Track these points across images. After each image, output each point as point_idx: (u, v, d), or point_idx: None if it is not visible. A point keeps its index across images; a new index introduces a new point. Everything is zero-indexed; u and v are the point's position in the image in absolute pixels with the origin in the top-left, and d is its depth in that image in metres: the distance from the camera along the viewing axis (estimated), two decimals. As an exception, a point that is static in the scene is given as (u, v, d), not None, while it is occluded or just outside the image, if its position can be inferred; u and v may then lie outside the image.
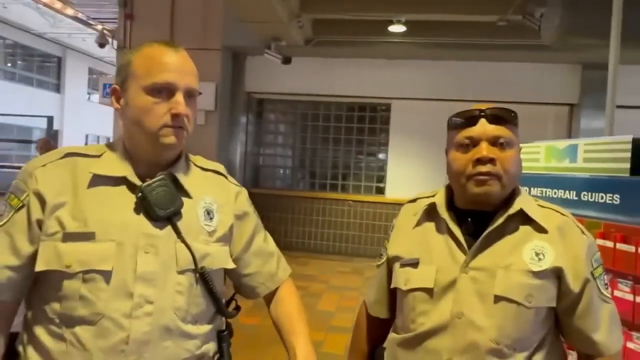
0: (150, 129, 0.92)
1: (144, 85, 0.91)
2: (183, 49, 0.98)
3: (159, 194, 0.92)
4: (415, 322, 1.03)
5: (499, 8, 4.57)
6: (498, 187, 0.99)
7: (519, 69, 6.24)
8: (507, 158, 0.99)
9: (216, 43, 5.90)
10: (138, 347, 0.88)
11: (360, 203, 6.95)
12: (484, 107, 1.02)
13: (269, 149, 7.56)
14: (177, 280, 0.92)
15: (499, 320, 0.96)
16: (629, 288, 1.69)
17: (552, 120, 6.55)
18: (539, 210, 1.04)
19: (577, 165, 2.23)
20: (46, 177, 0.91)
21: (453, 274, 1.00)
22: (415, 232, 1.10)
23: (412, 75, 6.62)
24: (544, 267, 0.97)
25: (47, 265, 0.88)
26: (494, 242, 1.01)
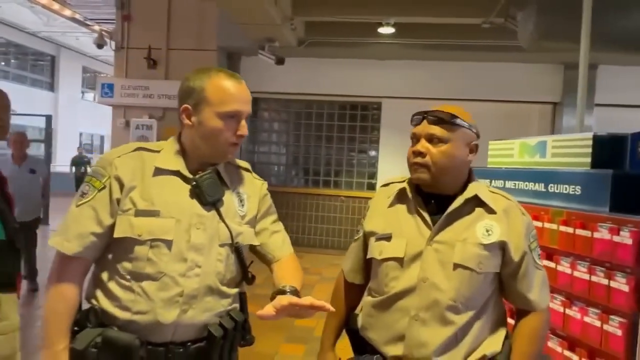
0: (220, 147, 1.18)
1: (218, 112, 1.15)
2: (242, 79, 1.22)
3: (208, 184, 1.17)
4: (388, 285, 1.26)
5: (483, 11, 4.77)
6: (427, 174, 1.22)
7: (504, 69, 6.47)
8: (437, 152, 1.21)
9: (211, 44, 6.06)
10: (188, 299, 1.13)
11: (352, 199, 7.15)
12: (432, 109, 1.25)
13: (264, 146, 7.73)
14: (219, 251, 1.18)
15: (456, 283, 1.20)
16: (586, 269, 1.90)
17: (537, 118, 6.79)
18: (490, 195, 1.28)
19: (546, 160, 2.43)
20: (123, 166, 1.16)
21: (420, 246, 1.23)
22: (389, 211, 1.32)
23: (402, 75, 6.82)
24: (492, 240, 1.21)
25: (124, 233, 1.13)
26: (454, 221, 1.24)
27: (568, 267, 1.99)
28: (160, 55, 6.17)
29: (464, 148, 1.24)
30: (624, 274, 1.73)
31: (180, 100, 1.19)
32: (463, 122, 1.23)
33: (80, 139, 17.56)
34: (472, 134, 1.26)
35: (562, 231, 2.07)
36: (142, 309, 1.11)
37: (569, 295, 1.99)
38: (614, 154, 2.06)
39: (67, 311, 1.12)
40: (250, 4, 4.48)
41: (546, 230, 2.15)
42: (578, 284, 1.93)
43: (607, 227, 1.82)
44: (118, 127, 6.35)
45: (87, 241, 1.13)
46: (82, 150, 12.84)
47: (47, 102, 15.99)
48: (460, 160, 1.24)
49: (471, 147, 1.27)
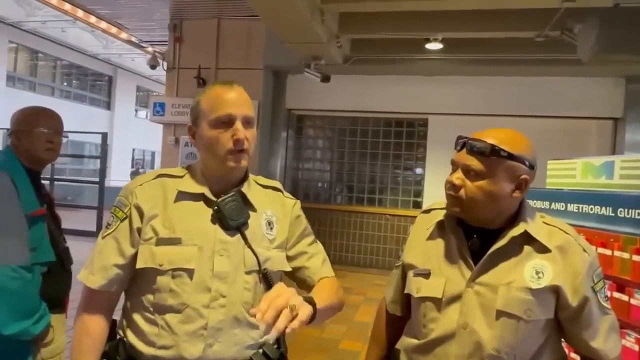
0: (219, 155, 1.11)
1: (209, 120, 1.11)
2: (239, 84, 1.17)
3: (231, 208, 1.12)
4: (426, 327, 1.15)
5: (537, 24, 4.58)
6: (459, 209, 1.10)
7: (558, 83, 6.18)
8: (473, 187, 1.08)
9: (258, 63, 6.18)
10: (214, 332, 1.07)
11: (397, 217, 7.00)
12: (475, 136, 1.10)
13: (308, 163, 7.75)
14: (245, 279, 1.12)
15: (500, 331, 1.06)
16: (665, 304, 1.72)
17: (595, 135, 6.41)
18: (544, 228, 1.11)
19: (614, 182, 2.26)
20: (143, 194, 1.14)
21: (459, 287, 1.11)
22: (428, 244, 1.20)
23: (449, 91, 6.67)
24: (542, 284, 1.06)
25: (145, 264, 1.09)
26: (498, 261, 1.10)
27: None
28: (210, 75, 6.35)
29: (507, 184, 1.07)
30: None
31: None
32: (510, 154, 1.06)
33: (133, 155, 18.37)
34: (522, 167, 1.08)
35: (635, 260, 1.89)
36: (166, 344, 1.06)
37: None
38: (694, 177, 1.88)
39: (92, 347, 1.09)
40: (298, 23, 4.52)
41: (616, 259, 1.98)
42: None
43: (690, 259, 1.64)
44: (168, 144, 6.55)
45: (110, 274, 1.10)
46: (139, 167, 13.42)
47: (104, 120, 16.89)
48: (500, 198, 1.08)
49: (519, 182, 1.08)
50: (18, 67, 14.29)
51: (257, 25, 6.07)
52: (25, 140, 1.60)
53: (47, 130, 1.62)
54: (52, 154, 1.65)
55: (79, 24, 10.66)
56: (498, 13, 4.63)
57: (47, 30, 13.49)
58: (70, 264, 1.71)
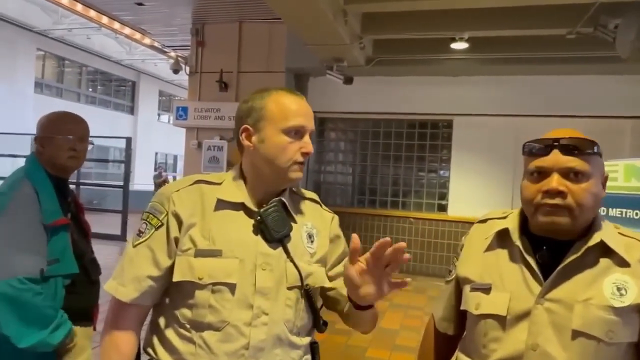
0: (283, 164, 1.06)
1: (281, 127, 1.05)
2: (303, 96, 1.13)
3: (274, 219, 1.05)
4: (486, 347, 1.03)
5: (569, 21, 4.42)
6: (568, 219, 0.96)
7: (590, 82, 5.97)
8: (581, 190, 0.96)
9: (280, 66, 6.16)
10: (255, 352, 1.00)
11: (422, 220, 6.87)
12: (559, 136, 1.00)
13: (330, 166, 7.69)
14: (287, 295, 1.05)
15: (577, 355, 0.95)
16: None
17: (630, 135, 6.17)
18: (621, 240, 1.01)
19: (661, 185, 2.13)
20: (181, 201, 1.06)
21: (527, 304, 0.99)
22: (487, 256, 1.10)
23: (475, 91, 6.52)
24: (626, 302, 0.95)
25: (183, 277, 1.01)
26: (572, 274, 0.98)
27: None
28: (231, 78, 6.36)
29: (600, 183, 1.00)
30: None
31: (238, 122, 1.10)
32: (599, 150, 0.99)
33: (156, 159, 18.64)
34: (603, 164, 1.02)
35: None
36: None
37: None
38: None
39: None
40: (320, 25, 4.47)
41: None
42: None
43: None
44: (191, 147, 6.59)
45: (144, 285, 1.03)
46: (162, 170, 13.61)
47: (127, 125, 17.20)
48: (600, 200, 1.00)
49: (604, 179, 1.02)
50: (46, 74, 14.68)
51: (279, 28, 6.05)
52: (49, 147, 1.56)
53: (71, 137, 1.57)
54: (76, 162, 1.60)
55: (103, 30, 10.88)
56: (527, 10, 4.49)
57: (73, 38, 13.84)
58: (97, 275, 1.67)
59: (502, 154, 6.46)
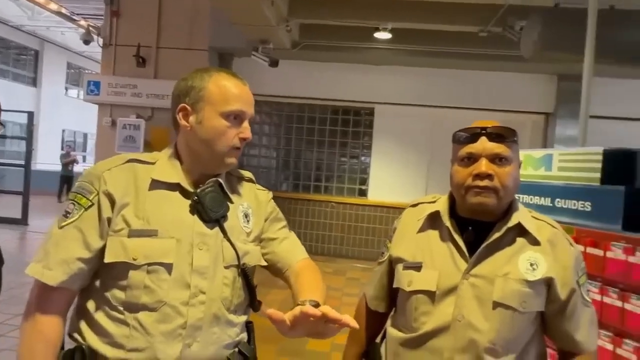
0: (220, 150, 1.05)
1: (221, 111, 1.04)
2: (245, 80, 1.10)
3: (211, 199, 1.04)
4: (417, 321, 1.12)
5: (482, 20, 4.74)
6: (494, 199, 1.07)
7: (499, 78, 6.46)
8: (505, 173, 1.07)
9: (203, 43, 5.93)
10: (192, 331, 1.00)
11: (343, 205, 7.07)
12: (484, 125, 1.10)
13: (254, 149, 7.61)
14: (224, 274, 1.05)
15: (496, 323, 1.06)
16: (598, 289, 1.83)
17: (530, 128, 6.79)
18: (533, 222, 1.13)
19: (552, 174, 2.36)
20: (113, 180, 1.02)
21: (455, 280, 1.09)
22: (419, 237, 1.18)
23: (396, 81, 6.77)
24: (537, 276, 1.07)
25: (116, 258, 0.98)
26: (493, 252, 1.10)
27: (578, 287, 1.92)
28: (150, 54, 6.02)
29: (518, 168, 1.12)
30: (639, 296, 1.66)
31: (176, 100, 1.07)
32: (517, 139, 1.11)
33: (63, 137, 17.17)
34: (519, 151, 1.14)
35: (572, 249, 2.00)
36: (139, 346, 0.97)
37: (579, 316, 1.92)
38: (624, 170, 2.00)
39: (47, 352, 0.96)
40: (246, 4, 4.37)
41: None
42: (589, 304, 1.86)
43: (621, 247, 1.75)
44: (104, 125, 6.16)
45: (73, 268, 0.98)
46: (70, 149, 12.51)
47: (29, 98, 15.59)
48: (519, 181, 1.12)
49: (519, 164, 1.14)
50: None
51: (203, 3, 5.80)
52: None
53: None
54: None
55: (0, -10, 9.71)
56: (445, 6, 4.73)
57: (-38, -4, 12.21)
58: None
59: (419, 143, 6.82)
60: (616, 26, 3.72)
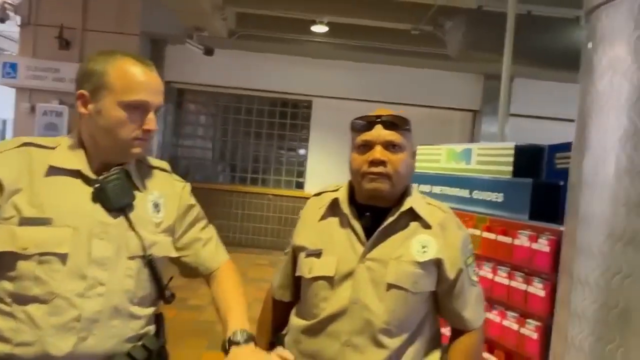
0: (122, 141, 1.00)
1: (120, 101, 0.98)
2: (153, 65, 1.05)
3: (115, 187, 1.00)
4: (317, 307, 1.15)
5: (414, 18, 4.89)
6: (388, 185, 1.13)
7: (430, 76, 6.71)
8: (398, 160, 1.13)
9: (134, 28, 5.63)
10: (88, 324, 0.96)
11: (280, 197, 7.06)
12: (380, 114, 1.15)
13: (188, 140, 7.40)
14: (128, 265, 1.01)
15: (390, 305, 1.11)
16: (506, 274, 1.97)
17: (458, 124, 7.14)
18: (426, 207, 1.20)
19: (471, 167, 2.50)
20: (4, 164, 0.96)
21: (352, 265, 1.13)
22: (320, 224, 1.21)
23: (333, 75, 6.83)
24: (427, 257, 1.14)
25: (3, 247, 0.93)
26: (388, 236, 1.15)
27: (490, 272, 2.05)
28: (74, 36, 5.64)
29: (412, 156, 1.19)
30: (541, 279, 1.80)
31: (77, 85, 1.01)
32: (411, 127, 1.17)
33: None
34: (413, 139, 1.20)
35: (485, 237, 2.13)
36: (27, 340, 0.92)
37: (490, 300, 2.05)
38: (533, 164, 2.16)
39: None
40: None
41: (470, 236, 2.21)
42: (498, 288, 1.99)
43: (526, 235, 1.89)
44: (22, 111, 5.71)
45: None
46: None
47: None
48: (412, 170, 1.19)
49: (413, 153, 1.21)
50: None
51: (134, -15, 5.52)
52: None
53: None
54: None
55: None
56: (380, 2, 4.84)
57: None
58: None
59: (355, 136, 6.94)
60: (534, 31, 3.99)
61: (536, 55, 4.03)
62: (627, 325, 1.29)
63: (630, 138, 1.29)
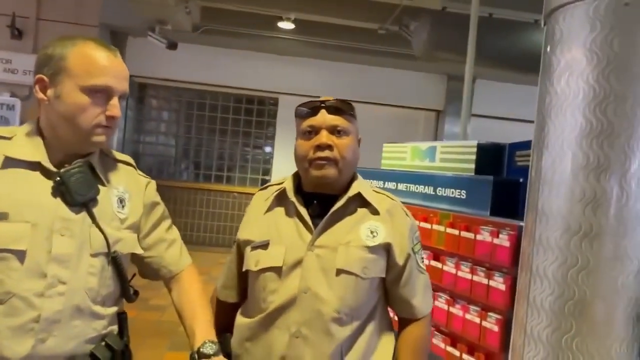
0: (83, 127, 0.95)
1: (82, 86, 0.94)
2: (117, 50, 1.01)
3: (77, 180, 0.95)
4: (266, 300, 1.12)
5: (380, 17, 4.94)
6: (335, 170, 1.12)
7: (396, 75, 6.81)
8: (344, 145, 1.13)
9: (93, 19, 5.42)
10: (48, 325, 0.92)
11: (246, 195, 6.98)
12: (324, 99, 1.15)
13: (150, 136, 7.20)
14: (90, 262, 0.97)
15: (340, 291, 1.10)
16: (468, 269, 2.02)
17: (423, 124, 7.27)
18: (374, 195, 1.21)
19: (435, 165, 2.55)
20: None
21: (300, 253, 1.11)
22: (267, 216, 1.19)
23: (300, 72, 6.81)
24: (376, 242, 1.14)
25: None
26: (336, 222, 1.14)
27: (453, 268, 2.10)
28: (28, 25, 5.37)
29: (356, 141, 1.20)
30: (502, 273, 1.86)
31: (36, 70, 0.97)
32: (355, 113, 1.18)
33: None
34: (357, 126, 1.20)
35: (448, 233, 2.17)
36: None
37: (453, 294, 2.10)
38: (494, 162, 2.23)
39: None
40: (140, -20, 4.08)
41: (434, 232, 2.25)
42: (461, 283, 2.04)
43: (488, 230, 1.94)
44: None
45: None
46: None
47: None
48: (358, 155, 1.19)
49: (359, 141, 1.22)
50: None
51: (92, -26, 5.31)
52: None
53: None
54: None
55: None
56: (347, 1, 4.85)
57: None
58: None
59: (321, 134, 6.94)
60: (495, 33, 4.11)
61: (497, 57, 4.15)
62: (583, 316, 1.35)
63: (586, 136, 1.35)
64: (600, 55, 1.34)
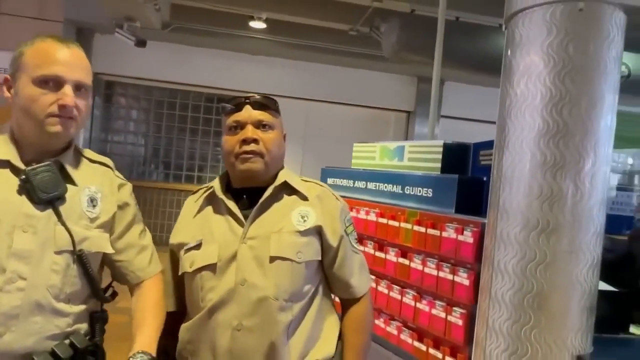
0: (36, 118, 0.97)
1: (32, 77, 0.96)
2: (76, 45, 1.03)
3: (43, 179, 0.97)
4: (204, 299, 1.13)
5: (351, 18, 4.98)
6: (261, 164, 1.16)
7: (367, 76, 6.87)
8: (269, 139, 1.17)
9: (57, 14, 5.27)
10: (5, 320, 0.92)
11: (217, 195, 6.92)
12: (249, 95, 1.20)
13: (119, 136, 7.04)
14: (54, 259, 0.98)
15: (276, 278, 1.12)
16: (435, 265, 2.07)
17: (393, 125, 7.37)
18: (302, 183, 1.26)
19: (404, 164, 2.60)
20: None
21: (234, 247, 1.13)
22: (198, 218, 1.21)
23: (271, 72, 6.80)
24: (307, 226, 1.17)
25: None
26: (266, 211, 1.18)
27: (420, 264, 2.14)
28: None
29: (283, 137, 1.25)
30: (466, 269, 1.91)
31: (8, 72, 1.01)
32: (279, 108, 1.23)
33: None
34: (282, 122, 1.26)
35: (415, 230, 2.22)
36: None
37: (420, 290, 2.15)
38: (460, 161, 2.29)
39: None
40: (107, -25, 3.99)
41: (402, 230, 2.29)
42: (427, 279, 2.09)
43: (453, 227, 1.99)
44: None
45: None
46: None
47: None
48: (284, 149, 1.24)
49: (284, 136, 1.27)
50: None
51: (57, -31, 5.16)
52: None
53: None
54: None
55: None
56: (319, 2, 4.87)
57: None
58: None
59: (293, 134, 6.90)
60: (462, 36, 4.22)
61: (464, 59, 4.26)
62: (540, 308, 1.41)
63: (544, 136, 1.42)
64: (556, 58, 1.41)
